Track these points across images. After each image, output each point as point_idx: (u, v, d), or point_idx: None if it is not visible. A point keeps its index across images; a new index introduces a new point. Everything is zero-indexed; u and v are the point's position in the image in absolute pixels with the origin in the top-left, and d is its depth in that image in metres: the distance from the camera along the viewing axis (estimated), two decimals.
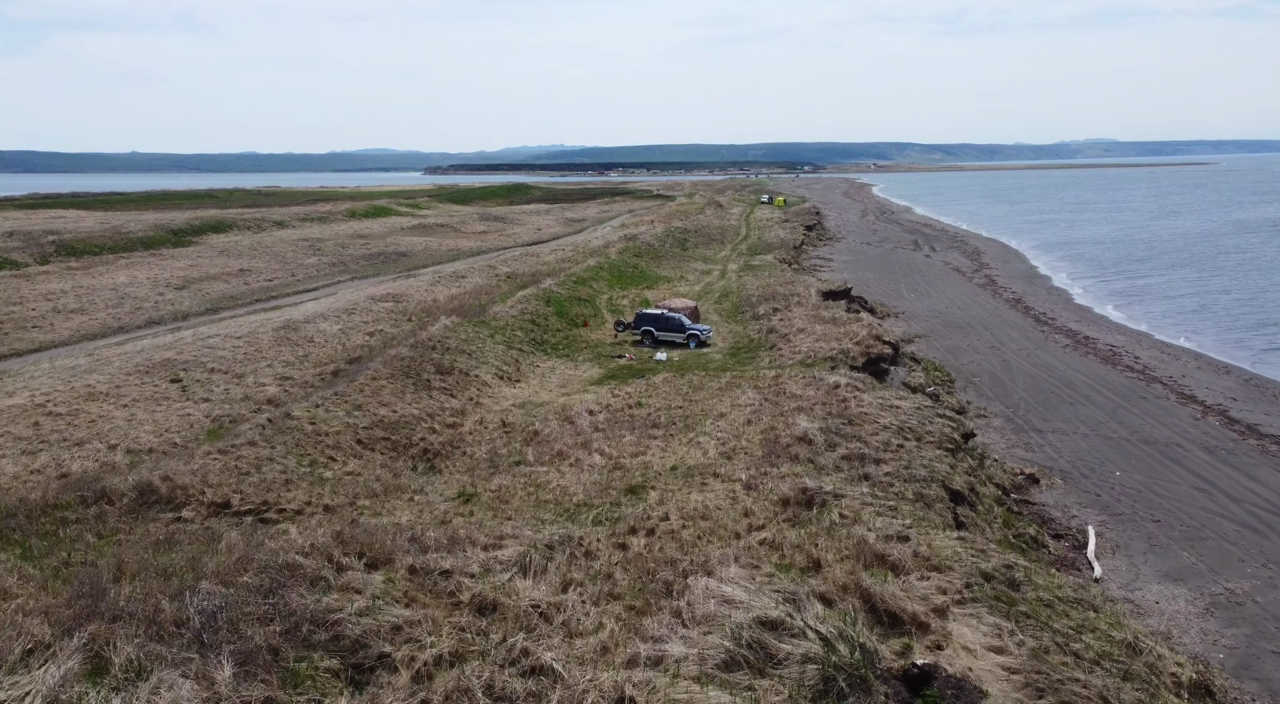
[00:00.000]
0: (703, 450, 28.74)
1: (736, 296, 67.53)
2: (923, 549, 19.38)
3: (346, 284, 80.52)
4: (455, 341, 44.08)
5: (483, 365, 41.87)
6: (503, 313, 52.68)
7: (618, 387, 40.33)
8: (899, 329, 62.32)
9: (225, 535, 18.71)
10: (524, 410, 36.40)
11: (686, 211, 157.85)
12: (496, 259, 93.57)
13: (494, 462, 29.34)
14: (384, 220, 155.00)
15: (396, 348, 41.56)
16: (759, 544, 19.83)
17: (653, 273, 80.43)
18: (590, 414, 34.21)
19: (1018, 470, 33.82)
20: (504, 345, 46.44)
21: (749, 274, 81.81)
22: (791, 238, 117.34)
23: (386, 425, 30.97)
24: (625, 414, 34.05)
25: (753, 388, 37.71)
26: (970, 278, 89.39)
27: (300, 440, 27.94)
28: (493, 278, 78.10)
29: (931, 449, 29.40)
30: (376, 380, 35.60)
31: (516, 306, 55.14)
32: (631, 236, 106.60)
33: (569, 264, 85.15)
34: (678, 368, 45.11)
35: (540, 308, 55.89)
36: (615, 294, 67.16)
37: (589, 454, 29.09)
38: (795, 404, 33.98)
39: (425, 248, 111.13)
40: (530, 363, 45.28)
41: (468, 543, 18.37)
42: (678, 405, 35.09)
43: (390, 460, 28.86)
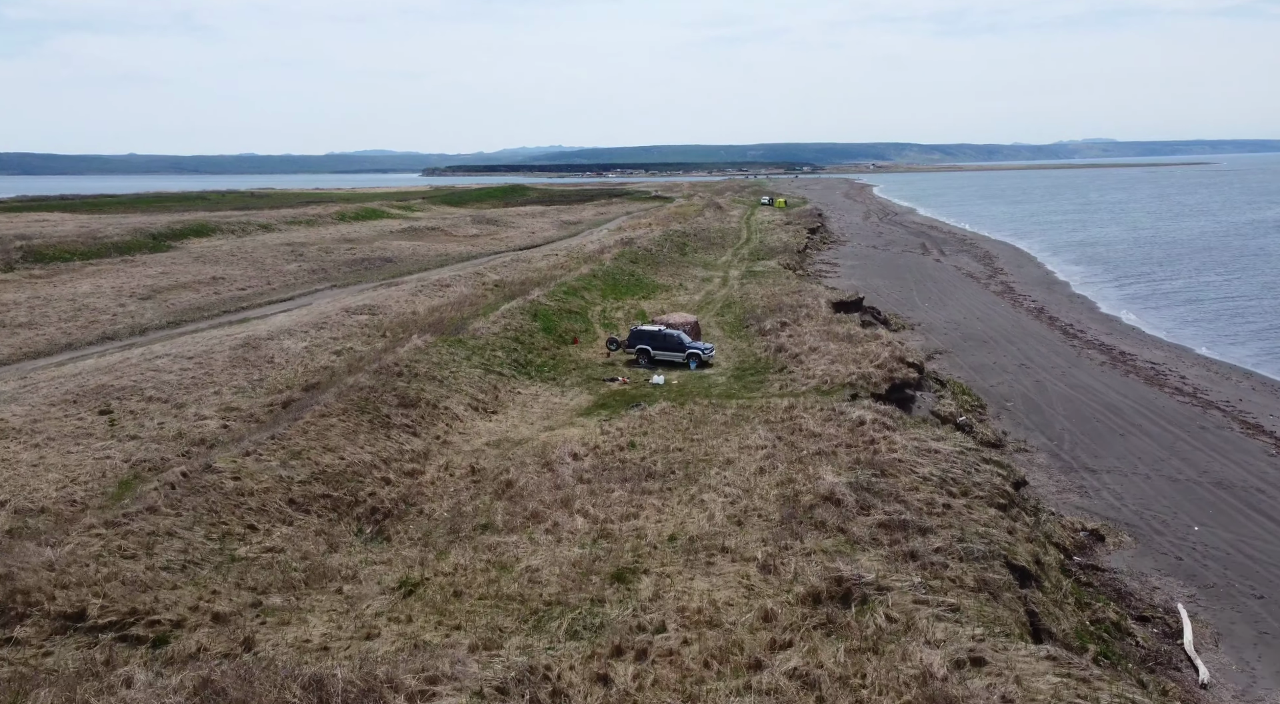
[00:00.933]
0: (707, 512, 23.54)
1: (740, 308, 62.33)
2: (1010, 689, 14.17)
3: (324, 293, 75.32)
4: (426, 366, 38.85)
5: (455, 394, 36.62)
6: (483, 330, 47.46)
7: (609, 419, 35.16)
8: (917, 344, 57.10)
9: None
10: (499, 451, 31.22)
11: (685, 214, 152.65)
12: (486, 265, 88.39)
13: (455, 525, 24.13)
14: (374, 223, 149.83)
15: (357, 375, 36.33)
16: (787, 678, 14.61)
17: (649, 281, 75.22)
18: (574, 458, 29.00)
19: (1078, 525, 28.63)
20: (482, 369, 41.19)
21: (752, 281, 76.60)
22: (795, 241, 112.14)
23: (329, 478, 25.75)
24: (615, 458, 28.84)
25: (763, 423, 32.53)
26: (986, 284, 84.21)
27: (216, 503, 22.74)
28: (479, 287, 72.91)
29: (983, 508, 24.22)
30: (326, 417, 30.37)
31: (500, 322, 49.93)
32: (628, 240, 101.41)
33: (561, 271, 79.95)
34: (677, 394, 39.94)
35: (526, 323, 50.66)
36: (609, 305, 61.94)
37: (570, 515, 23.91)
38: (815, 445, 28.78)
39: (413, 253, 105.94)
40: (511, 389, 40.03)
41: (388, 689, 13.17)
42: (677, 447, 29.87)
43: (329, 525, 23.66)
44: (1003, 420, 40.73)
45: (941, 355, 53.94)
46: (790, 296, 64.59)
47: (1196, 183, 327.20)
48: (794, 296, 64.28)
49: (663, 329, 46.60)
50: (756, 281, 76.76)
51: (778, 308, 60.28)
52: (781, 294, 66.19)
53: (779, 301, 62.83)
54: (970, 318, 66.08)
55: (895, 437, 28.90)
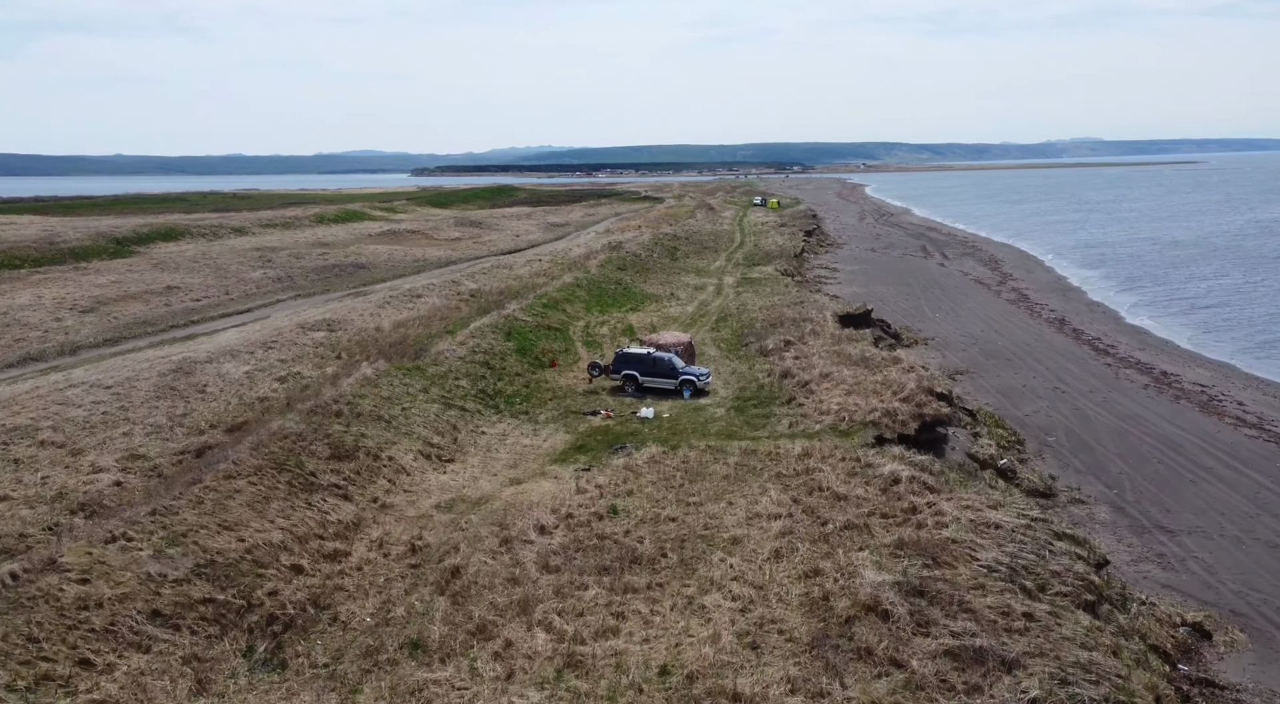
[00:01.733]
0: (711, 628, 17.59)
1: (737, 321, 56.39)
2: None
3: (286, 304, 69.15)
4: (373, 401, 32.77)
5: (404, 438, 30.55)
6: (448, 353, 41.34)
7: (587, 467, 29.19)
8: (934, 362, 51.27)
9: None
10: (451, 516, 25.22)
11: (676, 215, 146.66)
12: (464, 272, 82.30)
13: (377, 641, 18.11)
14: (353, 226, 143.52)
15: (285, 417, 30.17)
16: None
17: (638, 290, 69.21)
18: (540, 532, 22.99)
19: (1176, 617, 22.68)
20: (441, 403, 35.10)
21: (749, 290, 70.70)
22: (791, 245, 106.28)
23: (218, 572, 19.68)
24: (591, 532, 22.84)
25: (774, 478, 26.60)
26: (997, 292, 78.49)
27: (43, 624, 16.68)
28: (453, 297, 66.82)
29: (1070, 613, 18.34)
30: (232, 479, 24.26)
31: (468, 342, 43.82)
32: (616, 245, 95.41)
33: (543, 279, 73.89)
34: (669, 431, 33.98)
35: (497, 343, 44.57)
36: (593, 320, 55.91)
37: (528, 629, 17.92)
38: (842, 515, 22.86)
39: (389, 258, 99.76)
40: (474, 428, 33.94)
41: None
42: (669, 515, 23.89)
43: (206, 645, 17.61)
44: (1047, 460, 34.88)
45: (963, 376, 48.10)
46: (792, 308, 58.67)
47: (1189, 182, 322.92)
48: (796, 308, 58.36)
49: (652, 352, 40.59)
50: (753, 290, 70.86)
51: (779, 322, 54.38)
52: (782, 305, 60.26)
53: (780, 314, 56.91)
54: (988, 330, 60.27)
55: (942, 504, 22.97)
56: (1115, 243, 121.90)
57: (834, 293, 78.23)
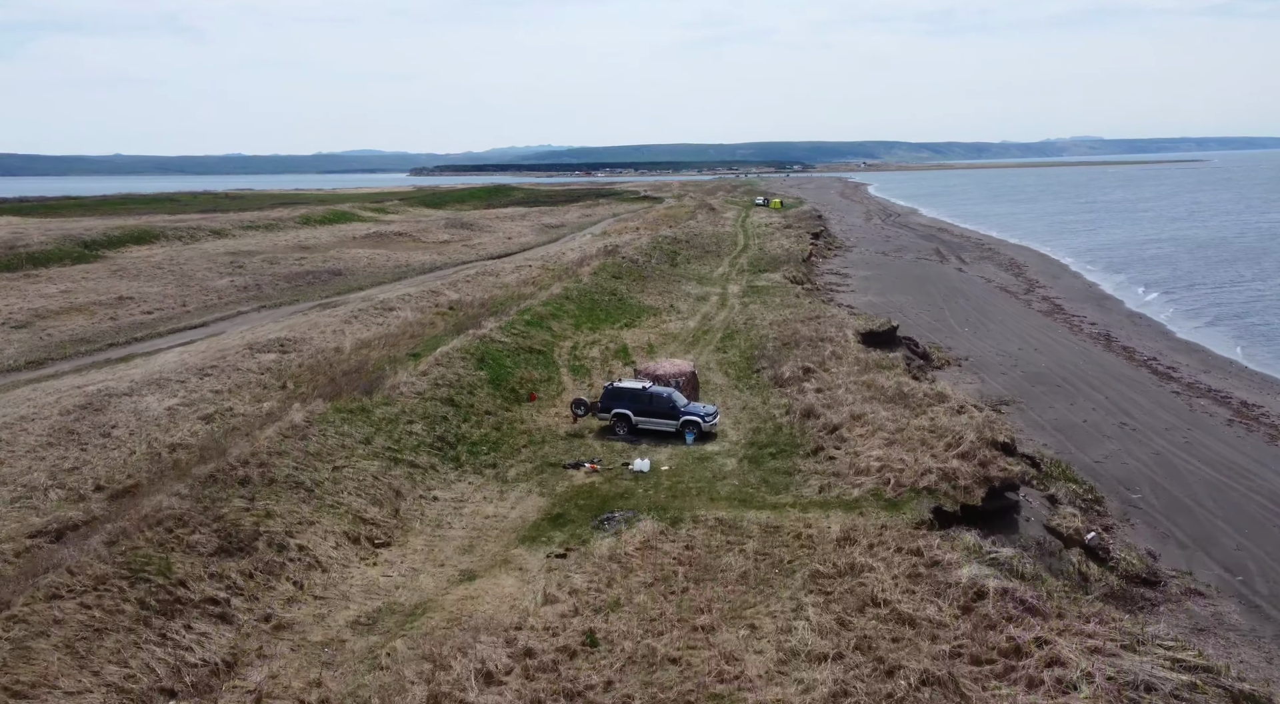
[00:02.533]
0: None
1: (745, 339, 49.41)
2: None
3: (246, 318, 62.28)
4: (295, 459, 25.80)
5: (326, 514, 23.57)
6: (406, 386, 34.30)
7: (563, 554, 22.31)
8: (971, 388, 44.35)
9: None
10: (372, 639, 18.33)
11: (676, 216, 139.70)
12: (447, 280, 75.42)
13: None
14: (338, 228, 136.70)
15: (166, 491, 23.15)
16: None
17: (634, 302, 62.19)
18: (488, 682, 16.06)
19: None
20: (386, 458, 28.10)
21: (756, 300, 63.72)
22: (798, 248, 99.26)
23: None
24: (558, 684, 15.91)
25: (810, 578, 19.69)
26: (1027, 301, 71.47)
27: None
28: (429, 311, 59.90)
29: None
30: (58, 599, 17.29)
31: (432, 372, 36.79)
32: (612, 249, 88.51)
33: (530, 290, 66.94)
34: (668, 494, 27.07)
35: (467, 373, 37.54)
36: (582, 339, 48.88)
37: None
38: (915, 659, 15.92)
39: (369, 264, 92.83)
40: (423, 493, 26.94)
41: None
42: (668, 651, 16.94)
43: None
44: (1136, 527, 27.92)
45: (1009, 407, 41.09)
46: (807, 324, 51.69)
47: (1197, 181, 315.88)
48: (811, 324, 51.38)
49: (648, 387, 33.55)
50: (761, 300, 63.90)
51: (794, 340, 47.41)
52: (795, 320, 53.29)
53: (794, 331, 49.95)
54: (1026, 348, 53.27)
55: (1057, 644, 15.96)
56: (1138, 244, 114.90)
57: (848, 303, 71.29)
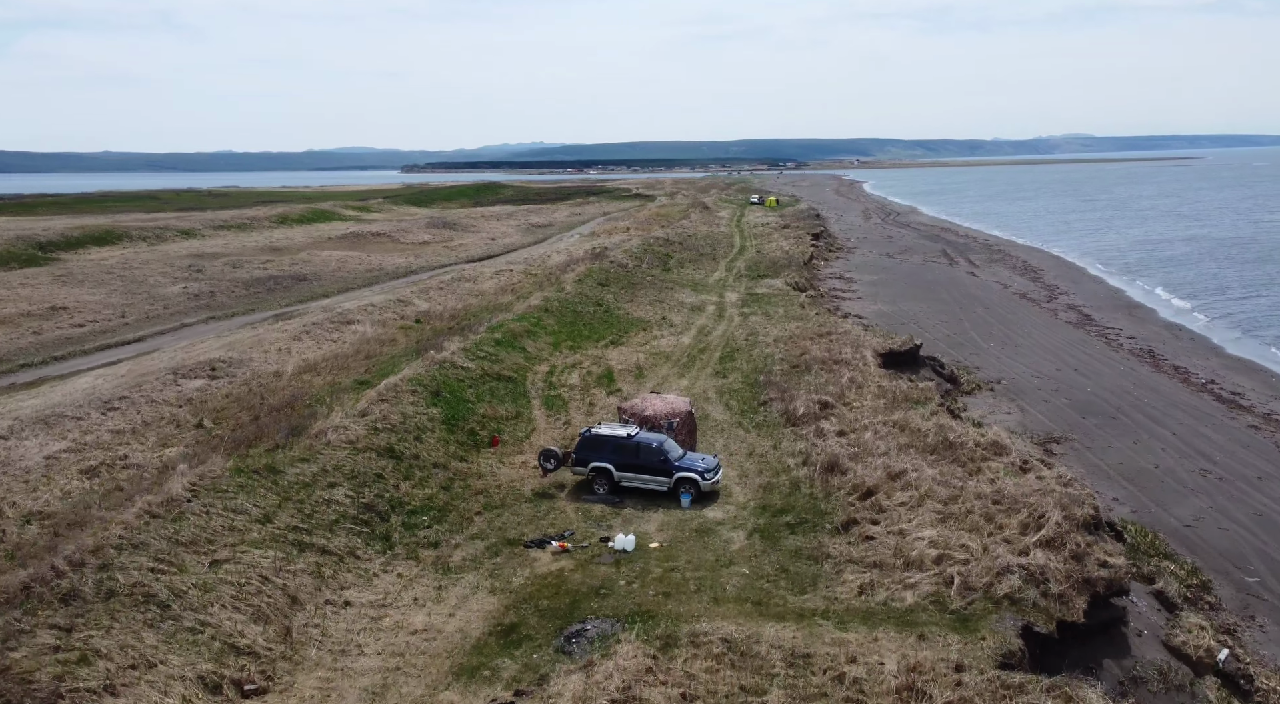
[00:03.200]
0: None
1: (748, 360, 42.88)
2: None
3: (189, 331, 55.59)
4: (154, 556, 19.01)
5: (178, 649, 16.72)
6: (336, 434, 27.57)
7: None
8: (1011, 420, 37.92)
9: None
10: None
11: (668, 216, 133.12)
12: (418, 287, 68.79)
13: None
14: (316, 227, 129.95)
15: None
16: None
17: (622, 313, 55.56)
18: None
19: None
20: (287, 544, 21.39)
21: (757, 310, 57.22)
22: (798, 250, 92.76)
23: None
24: None
25: None
26: (1053, 310, 65.05)
27: None
28: (392, 324, 53.29)
29: None
30: None
31: (374, 410, 30.11)
32: (600, 252, 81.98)
33: (508, 299, 60.35)
34: (658, 588, 20.56)
35: (417, 411, 30.88)
36: (561, 361, 42.23)
37: None
38: None
39: (340, 267, 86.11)
40: (332, 593, 20.24)
41: None
42: None
43: None
44: (1265, 627, 21.52)
45: (1059, 446, 34.69)
46: (817, 342, 45.18)
47: (1195, 178, 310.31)
48: (823, 342, 44.86)
49: (634, 435, 26.92)
50: (762, 311, 57.42)
51: (804, 362, 40.91)
52: (804, 337, 46.77)
53: (803, 350, 43.45)
54: (1064, 368, 46.84)
55: None
56: (1153, 245, 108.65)
57: (855, 312, 64.86)
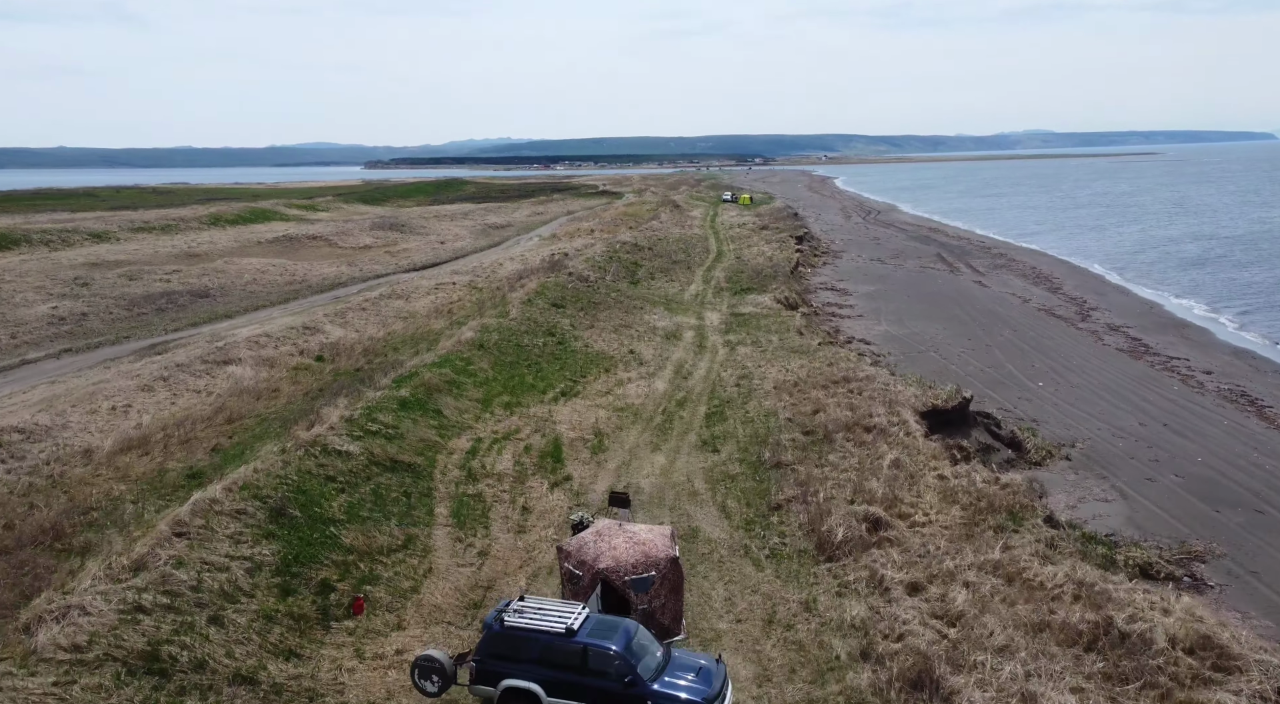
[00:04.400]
0: None
1: (744, 419, 31.42)
2: None
3: (25, 371, 43.05)
4: None
5: None
6: (64, 630, 15.84)
7: None
8: (1117, 514, 26.86)
9: None
10: None
11: (637, 215, 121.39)
12: (339, 306, 56.60)
13: None
14: (250, 229, 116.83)
15: None
16: None
17: (579, 346, 43.74)
18: None
19: None
20: None
21: (746, 338, 45.76)
22: (782, 256, 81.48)
23: None
24: None
25: None
26: (1093, 332, 54.14)
27: None
28: (283, 363, 41.18)
29: None
30: None
31: (158, 557, 18.25)
32: (558, 260, 70.19)
33: (440, 324, 48.49)
34: None
35: (234, 556, 18.96)
36: (489, 428, 30.43)
37: None
38: None
39: (256, 279, 73.48)
40: None
41: None
42: None
43: None
44: None
45: (1201, 566, 23.60)
46: (832, 392, 33.75)
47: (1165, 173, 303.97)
48: (841, 394, 33.44)
49: (577, 628, 15.28)
50: (753, 338, 46.01)
51: (821, 427, 29.53)
52: (813, 383, 35.35)
53: (816, 405, 32.08)
54: (1149, 421, 35.80)
55: None
56: (1160, 245, 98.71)
57: (860, 335, 53.67)
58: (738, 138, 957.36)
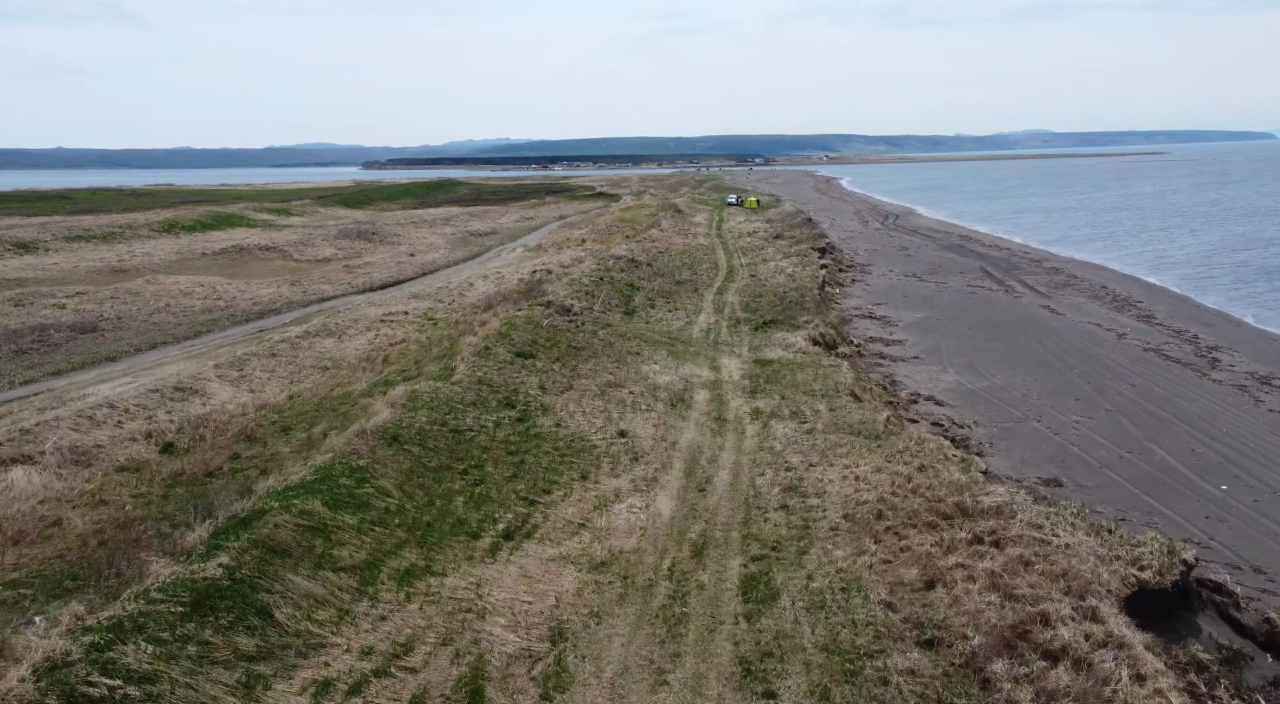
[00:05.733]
0: None
1: (804, 593, 17.93)
2: None
3: None
4: None
5: None
6: None
7: None
8: None
9: None
10: None
11: (635, 222, 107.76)
12: (244, 352, 42.86)
13: None
14: (205, 237, 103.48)
15: None
16: None
17: (547, 427, 29.90)
18: None
19: None
20: None
21: (782, 407, 32.10)
22: (805, 274, 67.87)
23: None
24: None
25: None
26: (1243, 389, 40.32)
27: None
28: (108, 461, 27.42)
29: None
30: None
31: None
32: (538, 282, 56.75)
33: (364, 380, 34.91)
34: None
35: None
36: (371, 618, 16.88)
37: None
38: None
39: (172, 304, 59.78)
40: None
41: None
42: None
43: None
44: None
45: None
46: (959, 554, 20.18)
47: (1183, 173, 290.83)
48: (974, 556, 19.93)
49: None
50: (793, 408, 32.31)
51: (959, 640, 15.97)
52: (909, 520, 21.77)
53: (934, 576, 18.53)
54: None
55: None
56: (1237, 254, 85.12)
57: (925, 389, 40.07)
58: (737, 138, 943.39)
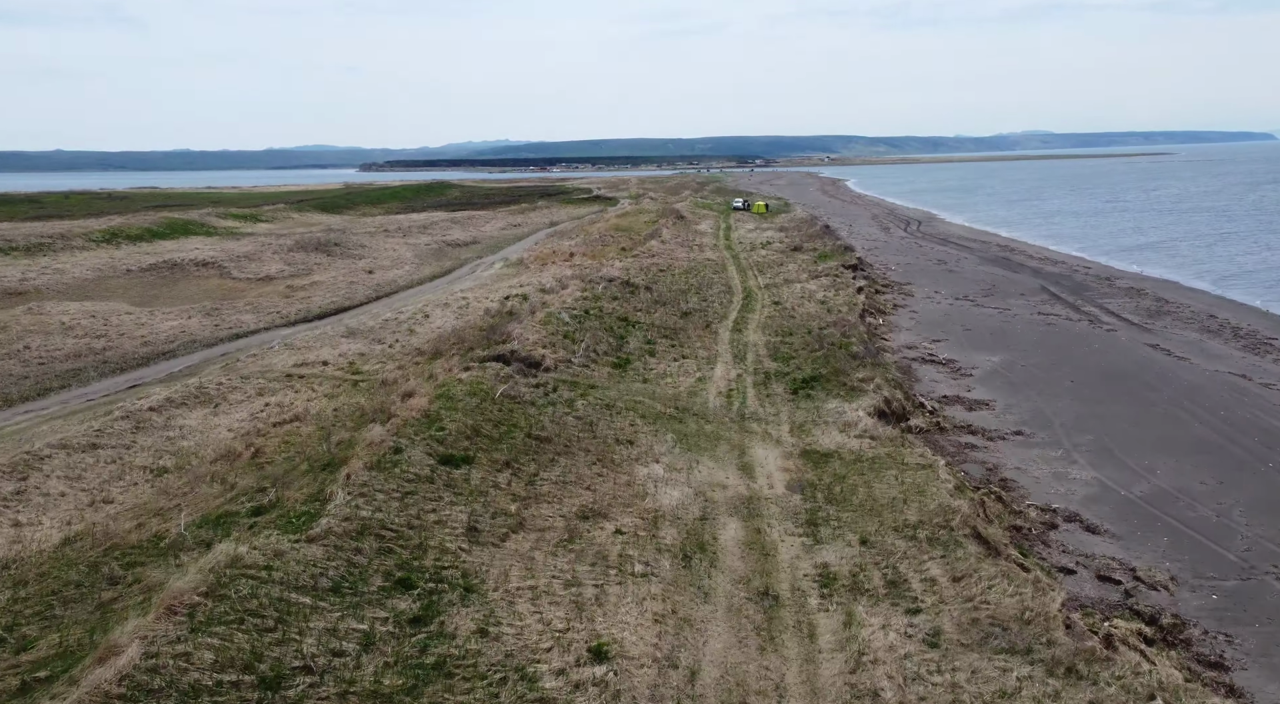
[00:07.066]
0: None
1: None
2: None
3: None
4: None
5: None
6: None
7: None
8: None
9: None
10: None
11: (633, 231, 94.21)
12: (71, 431, 29.53)
13: None
14: (148, 247, 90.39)
15: None
16: None
17: (462, 637, 16.38)
18: None
19: None
20: None
21: (867, 561, 18.83)
22: (842, 301, 54.44)
23: None
24: None
25: None
26: None
27: None
28: None
29: None
30: None
31: None
32: (507, 313, 43.46)
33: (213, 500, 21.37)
34: None
35: None
36: None
37: None
38: None
39: (33, 346, 46.25)
40: None
41: None
42: None
43: None
44: None
45: None
46: None
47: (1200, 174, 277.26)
48: None
49: None
50: (888, 572, 18.74)
51: None
52: None
53: None
54: None
55: None
56: None
57: (1059, 500, 26.63)
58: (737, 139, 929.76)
